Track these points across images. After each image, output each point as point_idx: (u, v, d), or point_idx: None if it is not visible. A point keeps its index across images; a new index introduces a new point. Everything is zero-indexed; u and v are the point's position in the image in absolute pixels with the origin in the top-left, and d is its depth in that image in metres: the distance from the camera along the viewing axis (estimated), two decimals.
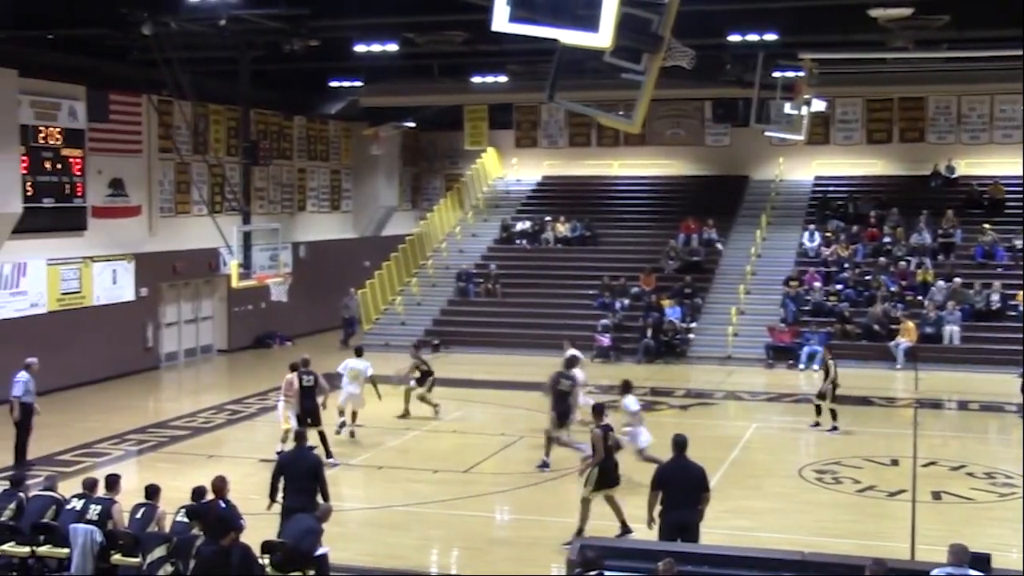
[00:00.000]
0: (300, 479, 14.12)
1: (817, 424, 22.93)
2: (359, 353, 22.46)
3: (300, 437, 15.48)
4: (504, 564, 14.72)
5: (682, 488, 13.20)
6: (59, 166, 27.03)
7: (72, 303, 27.81)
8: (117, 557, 12.97)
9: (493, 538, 16.18)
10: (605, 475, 15.32)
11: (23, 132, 25.64)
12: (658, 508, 13.23)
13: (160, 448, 21.54)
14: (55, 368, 26.55)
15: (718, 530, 15.90)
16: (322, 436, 19.58)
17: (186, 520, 13.03)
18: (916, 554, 14.77)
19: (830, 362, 22.95)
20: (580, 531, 14.93)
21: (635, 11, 10.19)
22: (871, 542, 15.24)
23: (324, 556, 13.23)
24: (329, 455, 19.22)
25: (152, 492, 13.46)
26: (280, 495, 14.25)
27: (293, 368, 20.03)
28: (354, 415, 22.11)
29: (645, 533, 13.63)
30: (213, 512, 12.75)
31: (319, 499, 14.05)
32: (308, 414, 19.47)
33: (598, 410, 16.12)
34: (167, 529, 13.15)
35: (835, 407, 22.70)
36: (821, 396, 22.86)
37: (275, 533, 13.29)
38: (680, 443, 13.54)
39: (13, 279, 26.07)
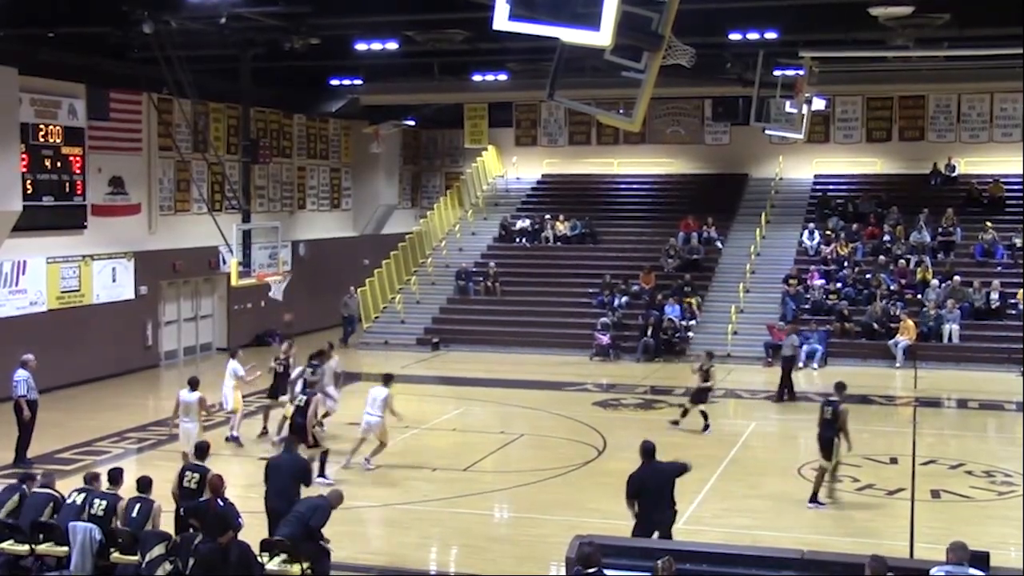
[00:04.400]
0: (284, 481, 14.00)
1: (677, 423, 22.94)
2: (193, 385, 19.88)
3: (290, 441, 15.30)
4: (504, 562, 14.73)
5: (655, 491, 13.43)
6: (59, 164, 27.04)
7: (72, 301, 27.82)
8: (116, 555, 12.95)
9: (493, 536, 16.19)
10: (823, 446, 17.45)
11: (23, 130, 25.62)
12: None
13: (160, 446, 21.52)
14: (55, 366, 26.59)
15: (718, 528, 15.97)
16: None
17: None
18: (915, 552, 14.79)
19: (710, 368, 23.15)
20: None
21: (635, 9, 10.20)
22: (870, 540, 15.24)
23: (326, 553, 13.24)
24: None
25: (145, 485, 13.44)
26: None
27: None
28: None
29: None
30: (211, 510, 12.75)
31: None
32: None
33: (840, 386, 18.37)
34: (160, 526, 13.10)
35: (705, 408, 22.83)
36: (697, 400, 22.85)
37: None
38: (649, 450, 13.73)
39: (13, 277, 26.07)
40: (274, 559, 12.68)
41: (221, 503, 12.84)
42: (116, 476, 13.76)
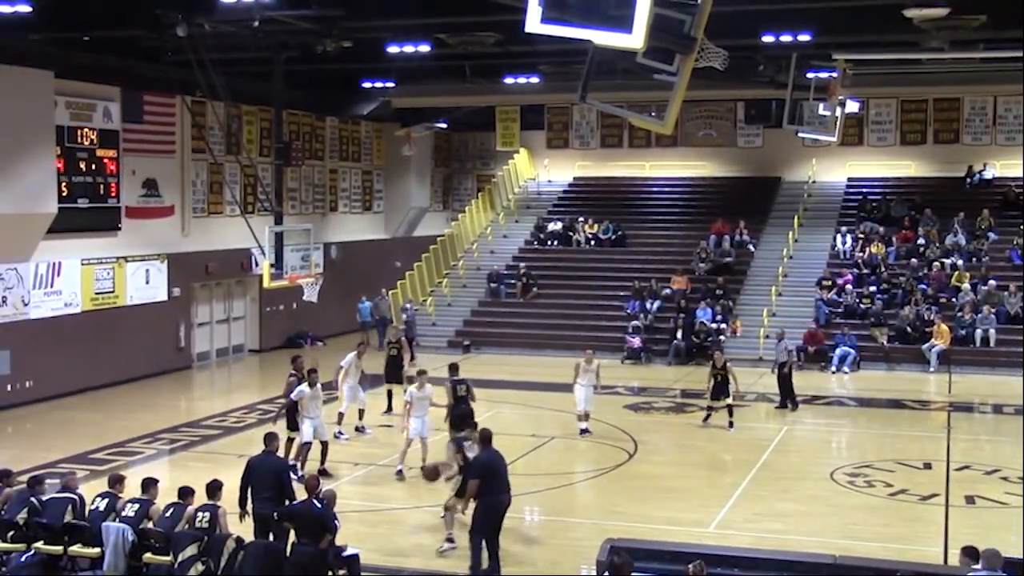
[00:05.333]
0: (267, 485, 13.79)
1: (707, 417, 23.53)
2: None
3: (268, 439, 14.79)
4: (535, 565, 14.72)
5: (499, 474, 14.31)
6: (93, 166, 27.23)
7: (106, 303, 28.00)
8: (148, 556, 12.99)
9: (524, 539, 16.14)
10: None
11: (58, 133, 25.84)
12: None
13: (192, 447, 21.66)
14: (88, 367, 26.88)
15: (749, 532, 15.90)
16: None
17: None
18: (949, 558, 14.65)
19: (729, 363, 23.61)
20: None
21: (668, 12, 10.16)
22: (903, 546, 15.14)
23: (355, 557, 13.26)
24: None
25: (185, 494, 13.39)
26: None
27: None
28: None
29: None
30: (308, 513, 12.63)
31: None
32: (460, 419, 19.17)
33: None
34: (227, 527, 12.99)
35: (729, 402, 23.22)
36: (727, 395, 23.19)
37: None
38: (487, 437, 14.65)
39: (48, 279, 26.26)
40: None
41: (318, 505, 12.72)
42: (149, 484, 13.67)
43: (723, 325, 32.50)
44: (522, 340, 33.75)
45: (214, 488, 13.27)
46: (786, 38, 25.90)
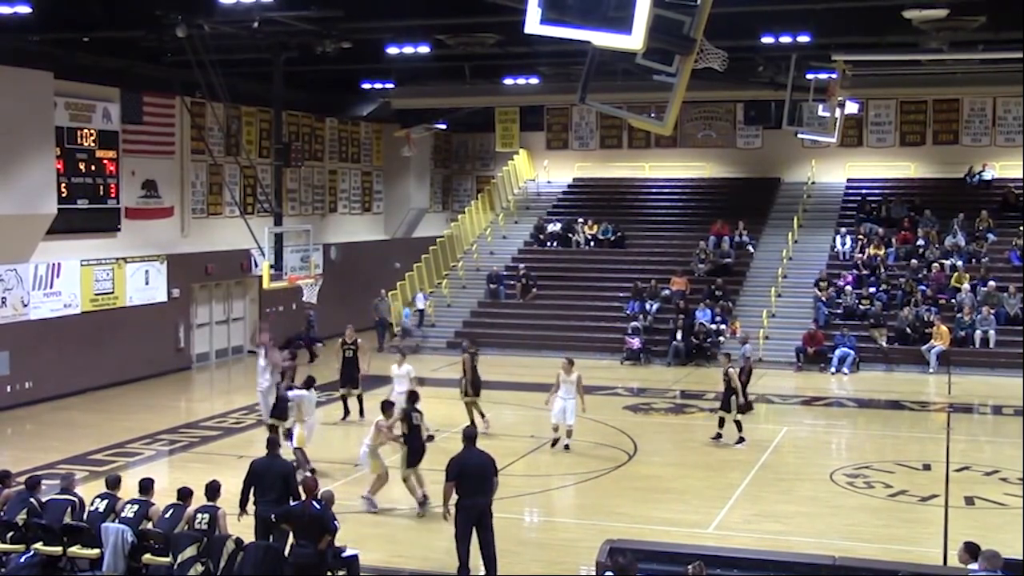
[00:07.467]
0: (273, 488, 13.67)
1: (719, 436, 21.96)
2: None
3: (272, 444, 14.71)
4: (534, 566, 14.71)
5: (475, 476, 13.92)
6: (93, 167, 27.24)
7: (105, 304, 28.00)
8: (148, 557, 12.99)
9: (523, 540, 16.15)
10: None
11: (58, 133, 25.85)
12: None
13: (191, 448, 21.65)
14: (87, 368, 26.88)
15: (748, 534, 15.89)
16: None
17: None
18: (948, 559, 14.66)
19: (732, 371, 22.05)
20: None
21: (667, 13, 10.15)
22: (903, 547, 15.15)
23: (355, 558, 13.26)
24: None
25: (185, 495, 13.42)
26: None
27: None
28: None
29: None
30: (307, 514, 12.63)
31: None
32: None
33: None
34: (227, 528, 12.99)
35: (740, 418, 21.92)
36: (730, 409, 21.85)
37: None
38: (470, 436, 14.43)
39: (47, 280, 26.25)
40: None
41: (316, 506, 12.70)
42: (147, 485, 13.70)
43: (722, 326, 32.48)
44: (522, 341, 33.71)
45: (213, 489, 13.27)
46: (785, 39, 25.88)
